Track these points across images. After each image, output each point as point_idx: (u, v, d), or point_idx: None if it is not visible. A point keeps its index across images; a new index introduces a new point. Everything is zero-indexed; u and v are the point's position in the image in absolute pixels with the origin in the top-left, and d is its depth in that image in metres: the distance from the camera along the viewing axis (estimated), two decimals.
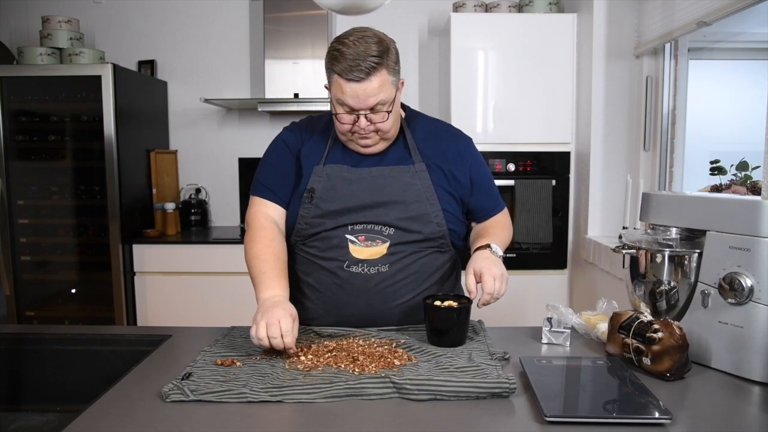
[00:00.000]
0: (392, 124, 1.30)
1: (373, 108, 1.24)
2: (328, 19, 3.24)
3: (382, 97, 1.23)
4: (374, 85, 1.21)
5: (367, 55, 1.20)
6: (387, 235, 1.31)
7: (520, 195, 2.92)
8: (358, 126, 1.26)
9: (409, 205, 1.31)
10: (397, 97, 1.29)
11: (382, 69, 1.22)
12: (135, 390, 0.99)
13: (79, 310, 3.16)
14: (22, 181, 3.09)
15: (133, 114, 3.14)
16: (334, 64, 1.23)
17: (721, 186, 2.09)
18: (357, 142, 1.32)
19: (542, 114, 2.95)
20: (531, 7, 3.04)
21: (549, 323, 1.23)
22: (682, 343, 1.01)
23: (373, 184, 1.32)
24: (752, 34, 2.56)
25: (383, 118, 1.27)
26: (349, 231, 1.31)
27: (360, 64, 1.19)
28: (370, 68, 1.20)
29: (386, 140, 1.34)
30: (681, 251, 1.14)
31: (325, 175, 1.33)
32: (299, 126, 1.44)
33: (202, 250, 3.00)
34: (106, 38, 3.51)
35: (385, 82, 1.23)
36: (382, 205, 1.31)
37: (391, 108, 1.27)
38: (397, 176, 1.33)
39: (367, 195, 1.31)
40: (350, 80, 1.21)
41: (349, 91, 1.22)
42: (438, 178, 1.35)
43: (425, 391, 0.94)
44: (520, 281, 2.99)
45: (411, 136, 1.38)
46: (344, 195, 1.32)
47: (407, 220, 1.31)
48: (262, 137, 3.56)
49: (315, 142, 1.39)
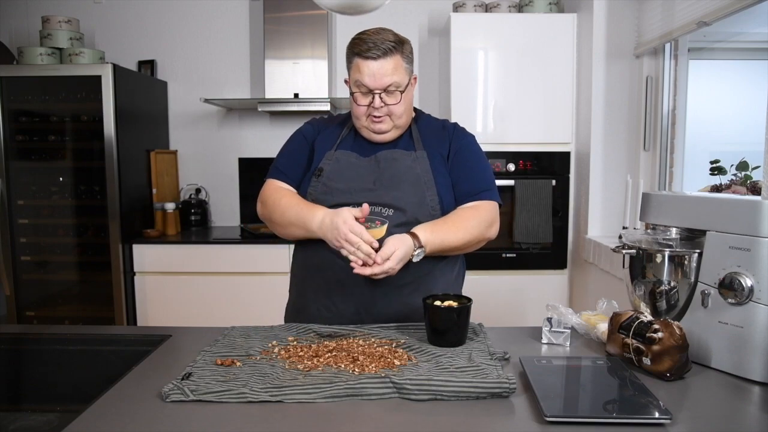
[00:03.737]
0: (404, 109, 1.40)
1: (387, 88, 1.35)
2: (328, 19, 3.24)
3: (396, 78, 1.35)
4: (390, 65, 1.34)
5: (384, 40, 1.34)
6: (386, 216, 1.35)
7: (520, 195, 2.92)
8: (373, 106, 1.36)
9: (408, 187, 1.38)
10: (409, 87, 1.41)
11: (397, 53, 1.36)
12: (135, 390, 0.99)
13: (79, 310, 3.16)
14: (22, 181, 3.09)
15: (133, 114, 3.14)
16: (354, 47, 1.36)
17: (721, 186, 2.09)
18: (371, 127, 1.41)
19: (542, 114, 2.95)
20: (531, 7, 3.04)
21: (549, 323, 1.23)
22: (682, 343, 1.01)
23: (377, 167, 1.41)
24: (752, 34, 2.56)
25: (396, 100, 1.37)
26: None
27: (379, 45, 1.33)
28: (387, 49, 1.34)
29: (398, 128, 1.43)
30: (681, 251, 1.14)
31: (335, 158, 1.43)
32: (318, 120, 1.56)
33: (202, 250, 3.00)
34: (106, 38, 3.51)
35: (399, 66, 1.36)
36: (382, 187, 1.38)
37: (404, 91, 1.37)
38: (398, 158, 1.42)
39: (369, 177, 1.40)
40: (368, 58, 1.34)
41: (367, 70, 1.34)
42: (437, 164, 1.42)
43: (425, 391, 0.94)
44: (520, 281, 3.00)
45: (417, 131, 1.48)
46: (350, 176, 1.41)
47: (404, 202, 1.36)
48: (262, 137, 3.56)
49: (330, 132, 1.50)
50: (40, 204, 3.11)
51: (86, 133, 3.08)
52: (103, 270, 3.01)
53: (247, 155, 3.51)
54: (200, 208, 3.46)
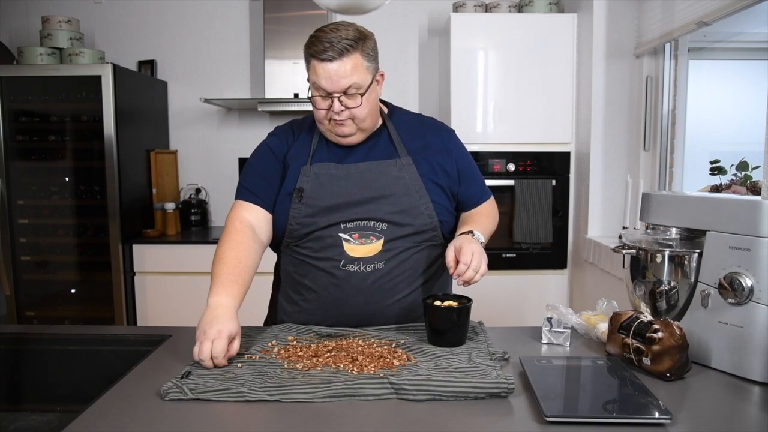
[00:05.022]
0: (368, 112, 1.30)
1: (347, 91, 1.25)
2: (328, 19, 3.24)
3: (355, 79, 1.25)
4: (347, 66, 1.24)
5: (341, 38, 1.23)
6: (380, 231, 1.31)
7: (520, 195, 2.92)
8: (333, 111, 1.27)
9: (399, 198, 1.32)
10: (373, 86, 1.30)
11: (356, 52, 1.24)
12: (135, 390, 0.99)
13: (79, 310, 3.16)
14: (22, 181, 3.09)
15: (133, 114, 3.14)
16: (310, 47, 1.26)
17: (721, 186, 2.09)
18: (334, 130, 1.32)
19: (542, 114, 2.95)
20: (531, 7, 3.04)
21: (549, 323, 1.23)
22: (682, 343, 1.01)
23: (362, 179, 1.33)
24: (752, 34, 2.56)
25: (357, 103, 1.27)
26: (342, 229, 1.31)
27: (335, 46, 1.23)
28: (343, 49, 1.23)
29: (363, 131, 1.34)
30: (681, 251, 1.14)
31: (312, 174, 1.34)
32: (284, 130, 1.46)
33: (202, 250, 3.00)
34: (106, 38, 3.52)
35: (359, 65, 1.25)
36: (373, 201, 1.31)
37: (365, 92, 1.27)
38: (384, 170, 1.34)
39: (356, 191, 1.32)
40: (323, 60, 1.23)
41: (323, 72, 1.24)
42: (425, 170, 1.36)
43: (423, 392, 0.94)
44: (520, 281, 3.00)
45: (395, 131, 1.39)
46: (333, 192, 1.32)
47: (399, 214, 1.31)
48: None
49: (301, 143, 1.40)
50: (40, 204, 3.11)
51: (86, 133, 3.08)
52: (103, 270, 3.01)
53: (247, 155, 3.45)
54: (200, 208, 3.46)
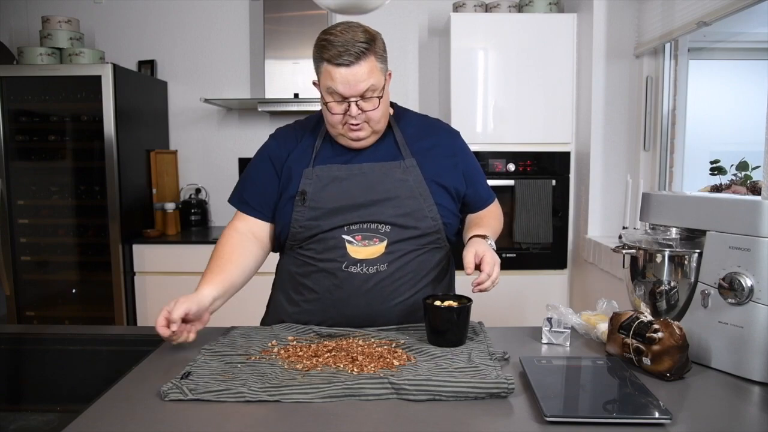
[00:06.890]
0: (382, 113, 1.30)
1: (364, 95, 1.24)
2: (328, 19, 3.24)
3: (372, 82, 1.24)
4: (364, 70, 1.22)
5: (355, 42, 1.21)
6: (384, 233, 1.30)
7: (520, 195, 2.92)
8: (350, 115, 1.26)
9: (403, 201, 1.31)
10: (386, 86, 1.30)
11: (370, 55, 1.23)
12: (135, 390, 0.99)
13: (79, 310, 3.16)
14: (22, 181, 3.09)
15: (133, 114, 3.14)
16: (323, 52, 1.24)
17: (721, 186, 2.09)
18: (348, 135, 1.30)
19: (542, 114, 2.95)
20: (531, 7, 3.04)
21: (549, 323, 1.23)
22: (682, 343, 1.01)
23: (365, 181, 1.32)
24: (752, 34, 2.56)
25: (374, 105, 1.26)
26: (345, 231, 1.30)
27: (349, 49, 1.21)
28: (359, 53, 1.21)
29: (377, 132, 1.33)
30: (681, 251, 1.14)
31: (315, 176, 1.33)
32: (286, 133, 1.44)
33: (202, 250, 3.00)
34: (106, 38, 3.52)
35: (374, 68, 1.24)
36: (376, 203, 1.31)
37: (382, 95, 1.27)
38: (388, 172, 1.33)
39: (360, 193, 1.31)
40: (340, 65, 1.21)
41: (340, 77, 1.22)
42: (429, 172, 1.35)
43: (423, 392, 0.94)
44: (520, 281, 3.00)
45: (399, 132, 1.39)
46: (337, 194, 1.31)
47: (402, 217, 1.31)
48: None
49: (304, 145, 1.39)
50: (40, 204, 3.11)
51: (86, 133, 3.08)
52: (103, 270, 3.01)
53: (247, 155, 3.51)
54: (200, 208, 3.46)
